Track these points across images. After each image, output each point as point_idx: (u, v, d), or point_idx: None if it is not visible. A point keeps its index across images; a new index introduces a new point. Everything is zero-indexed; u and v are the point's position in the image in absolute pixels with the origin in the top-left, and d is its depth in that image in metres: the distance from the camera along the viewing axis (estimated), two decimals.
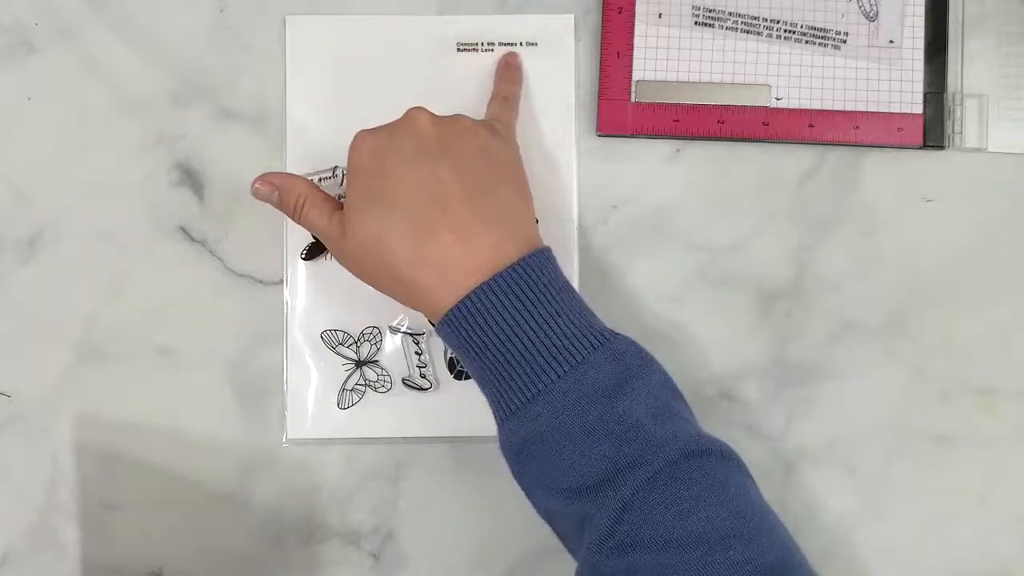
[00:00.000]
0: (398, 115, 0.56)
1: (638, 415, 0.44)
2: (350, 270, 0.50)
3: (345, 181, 0.55)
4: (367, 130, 0.50)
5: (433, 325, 0.48)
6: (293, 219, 0.52)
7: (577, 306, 0.47)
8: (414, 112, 0.50)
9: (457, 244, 0.46)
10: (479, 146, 0.49)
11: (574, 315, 0.46)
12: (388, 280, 0.48)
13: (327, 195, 0.52)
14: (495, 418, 0.47)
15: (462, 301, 0.46)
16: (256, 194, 0.52)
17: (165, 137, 0.57)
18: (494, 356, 0.45)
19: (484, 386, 0.47)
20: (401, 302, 0.49)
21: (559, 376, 0.44)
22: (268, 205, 0.56)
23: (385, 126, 0.50)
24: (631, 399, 0.44)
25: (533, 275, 0.46)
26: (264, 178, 0.52)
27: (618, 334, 0.47)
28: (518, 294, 0.45)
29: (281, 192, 0.51)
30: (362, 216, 0.48)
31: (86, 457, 0.56)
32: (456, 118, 0.50)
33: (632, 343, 0.47)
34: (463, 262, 0.46)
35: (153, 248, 0.56)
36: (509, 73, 0.56)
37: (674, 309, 0.56)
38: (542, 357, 0.45)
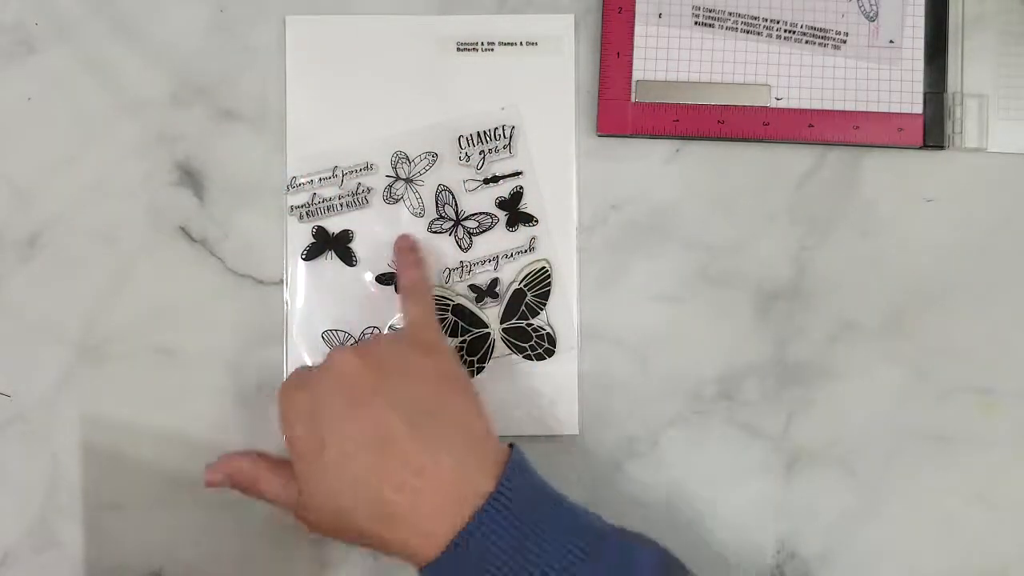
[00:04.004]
0: (397, 114, 0.56)
1: None
2: (321, 534, 0.48)
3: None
4: (290, 384, 0.48)
5: (419, 572, 0.45)
6: (255, 498, 0.50)
7: (564, 516, 0.45)
8: (336, 357, 0.47)
9: (420, 487, 0.44)
10: (407, 369, 0.47)
11: (559, 533, 0.44)
12: (361, 540, 0.46)
13: (275, 464, 0.49)
14: None
15: (445, 553, 0.43)
16: (208, 486, 0.49)
17: (165, 137, 0.57)
18: None
19: None
20: (378, 550, 0.46)
21: None
22: (268, 205, 0.57)
23: (308, 378, 0.47)
24: None
25: (512, 500, 0.44)
26: (212, 469, 0.49)
27: (614, 541, 0.45)
28: (506, 527, 0.43)
29: (231, 477, 0.49)
30: (311, 486, 0.46)
31: (86, 457, 0.56)
32: (375, 343, 0.48)
33: (633, 550, 0.44)
34: (433, 505, 0.44)
35: (153, 248, 0.56)
36: (405, 258, 0.54)
37: (674, 309, 0.56)
38: None
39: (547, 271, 0.56)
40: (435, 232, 0.56)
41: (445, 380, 0.48)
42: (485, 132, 0.56)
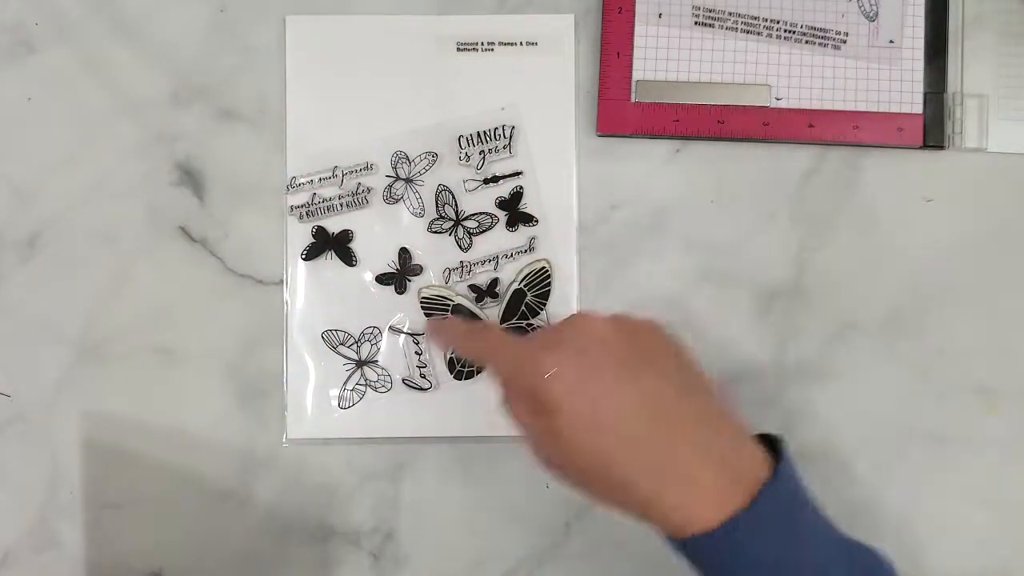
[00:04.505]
0: (397, 115, 0.56)
1: None
2: (560, 478, 0.47)
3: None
4: (552, 354, 0.45)
5: (672, 540, 0.44)
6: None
7: (822, 521, 0.45)
8: (588, 323, 0.46)
9: (696, 452, 0.43)
10: (660, 344, 0.47)
11: (825, 536, 0.45)
12: (616, 497, 0.45)
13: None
14: None
15: (722, 528, 0.42)
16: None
17: (165, 137, 0.57)
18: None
19: None
20: (634, 515, 0.45)
21: None
22: (268, 205, 0.57)
23: (567, 344, 0.45)
24: None
25: (787, 495, 0.44)
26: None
27: (860, 549, 0.45)
28: (777, 522, 0.43)
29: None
30: (575, 452, 0.44)
31: (86, 457, 0.56)
32: (625, 319, 0.47)
33: (875, 560, 0.46)
34: (712, 472, 0.43)
35: (153, 248, 0.56)
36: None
37: (674, 309, 0.56)
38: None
39: (547, 271, 0.56)
40: (435, 232, 0.56)
41: (698, 371, 0.48)
42: (485, 132, 0.56)
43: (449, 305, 0.56)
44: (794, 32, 0.57)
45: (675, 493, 0.43)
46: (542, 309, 0.56)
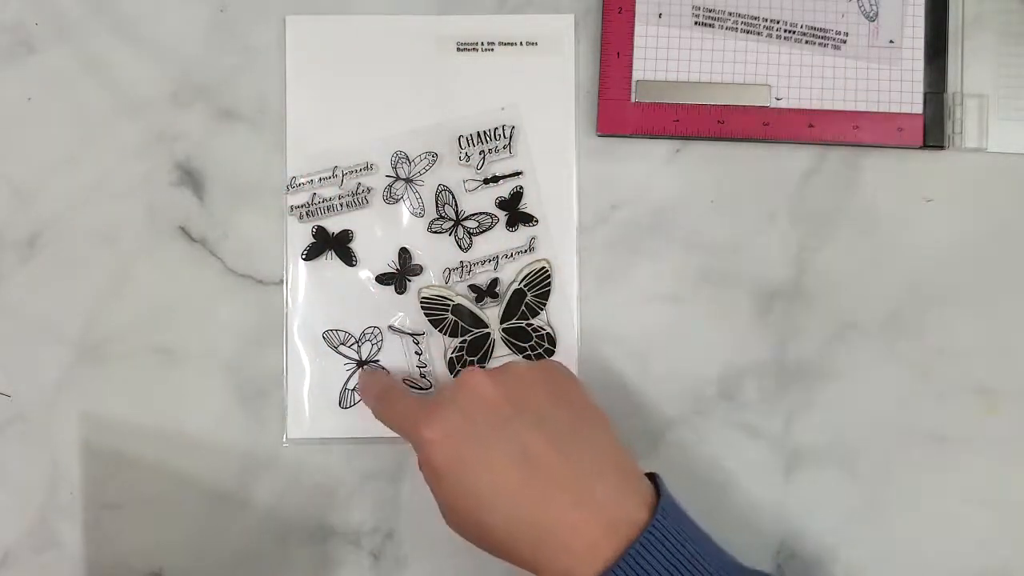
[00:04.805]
0: (397, 115, 0.56)
1: None
2: (459, 534, 0.47)
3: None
4: (430, 424, 0.46)
5: None
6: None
7: (711, 556, 0.45)
8: (472, 380, 0.46)
9: (575, 509, 0.43)
10: (547, 393, 0.47)
11: (722, 565, 0.44)
12: (503, 555, 0.46)
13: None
14: None
15: None
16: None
17: (165, 137, 0.57)
18: None
19: None
20: (530, 571, 0.45)
21: None
22: (268, 205, 0.57)
23: (448, 408, 0.46)
24: None
25: (669, 533, 0.43)
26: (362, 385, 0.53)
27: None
28: (660, 562, 0.43)
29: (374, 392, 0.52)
30: (453, 500, 0.45)
31: (86, 457, 0.56)
32: (511, 369, 0.48)
33: None
34: (589, 531, 0.43)
35: (153, 248, 0.56)
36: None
37: (674, 309, 0.56)
38: None
39: (547, 271, 0.56)
40: (435, 232, 0.56)
41: (584, 408, 0.48)
42: (485, 132, 0.56)
43: (449, 305, 0.56)
44: (794, 32, 0.57)
45: (551, 550, 0.43)
46: (542, 309, 0.56)
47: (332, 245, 0.56)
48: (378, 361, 0.56)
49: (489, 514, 0.44)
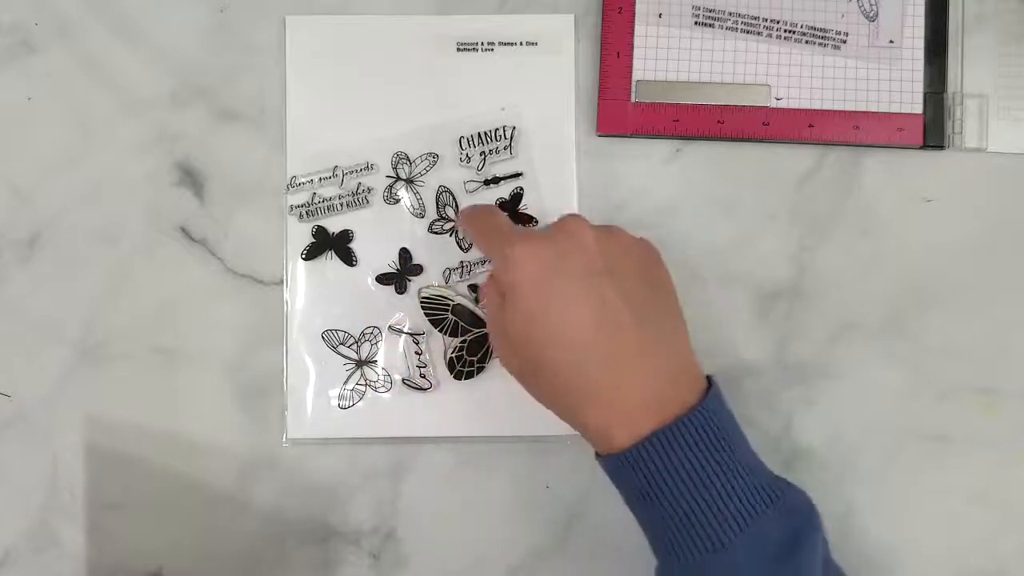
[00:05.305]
0: (397, 115, 0.56)
1: (813, 573, 0.44)
2: (508, 369, 0.48)
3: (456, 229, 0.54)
4: (526, 244, 0.46)
5: (597, 455, 0.46)
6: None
7: (750, 455, 0.46)
8: (575, 226, 0.47)
9: (631, 377, 0.45)
10: (640, 268, 0.48)
11: (748, 465, 0.45)
12: (549, 398, 0.47)
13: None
14: (655, 552, 0.46)
15: (642, 443, 0.44)
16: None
17: (165, 137, 0.57)
18: (669, 506, 0.44)
19: (650, 527, 0.46)
20: (560, 417, 0.47)
21: (736, 533, 0.43)
22: (268, 205, 0.57)
23: (546, 240, 0.47)
24: (806, 556, 0.43)
25: (714, 422, 0.45)
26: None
27: (787, 483, 0.46)
28: (701, 444, 0.44)
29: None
30: (524, 345, 0.46)
31: (86, 457, 0.56)
32: (614, 233, 0.48)
33: (801, 494, 0.46)
34: (640, 398, 0.44)
35: (153, 248, 0.56)
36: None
37: None
38: (721, 513, 0.43)
39: None
40: (436, 232, 0.56)
41: (669, 296, 0.49)
42: (485, 133, 0.56)
43: (449, 305, 0.56)
44: (794, 32, 0.57)
45: (598, 405, 0.45)
46: None
47: (332, 245, 0.56)
48: (377, 361, 0.56)
49: (553, 349, 0.45)
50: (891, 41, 0.57)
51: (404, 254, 0.56)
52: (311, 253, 0.56)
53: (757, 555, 0.43)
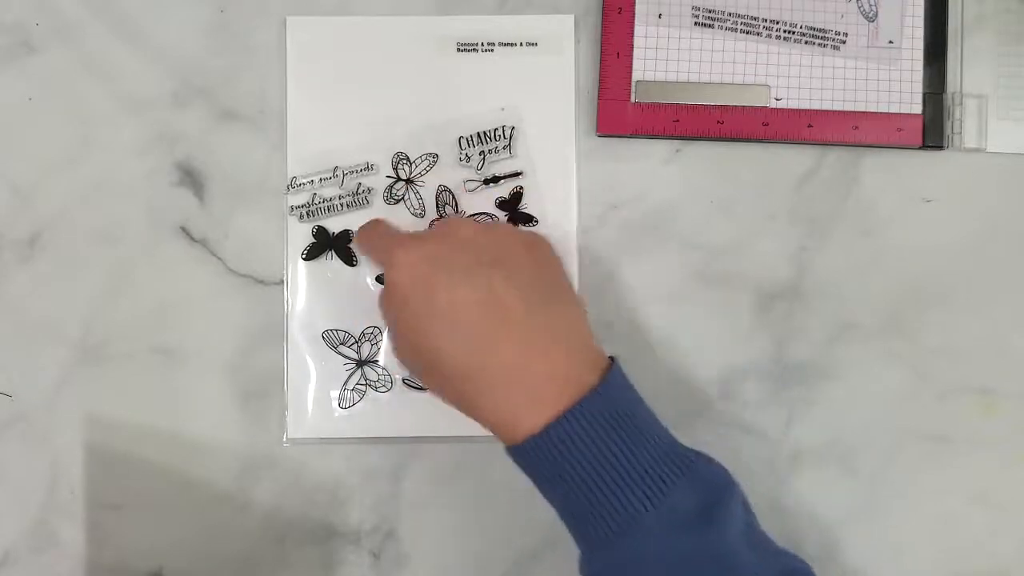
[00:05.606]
0: (397, 115, 0.56)
1: (731, 542, 0.43)
2: (408, 369, 0.49)
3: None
4: (410, 244, 0.47)
5: (506, 447, 0.46)
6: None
7: (656, 428, 0.46)
8: (457, 224, 0.48)
9: (527, 363, 0.44)
10: (529, 258, 0.48)
11: (656, 439, 0.45)
12: (450, 394, 0.47)
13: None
14: (575, 538, 0.46)
15: (546, 430, 0.43)
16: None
17: (165, 137, 0.57)
18: (578, 486, 0.44)
19: (563, 512, 0.46)
20: (467, 414, 0.47)
21: (647, 508, 0.43)
22: (268, 205, 0.57)
23: (429, 239, 0.48)
24: (722, 526, 0.43)
25: (616, 399, 0.45)
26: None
27: (698, 454, 0.46)
28: (603, 423, 0.44)
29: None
30: (418, 341, 0.46)
31: (86, 457, 0.56)
32: (499, 227, 0.48)
33: (715, 466, 0.45)
34: (537, 383, 0.44)
35: (153, 248, 0.56)
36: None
37: (674, 309, 0.56)
38: (629, 488, 0.43)
39: None
40: None
41: (560, 283, 0.49)
42: (485, 133, 0.56)
43: None
44: (793, 32, 0.57)
45: (498, 396, 0.44)
46: None
47: (332, 245, 0.56)
48: (378, 361, 0.56)
49: (445, 340, 0.45)
50: (890, 41, 0.57)
51: None
52: (312, 253, 0.56)
53: (668, 525, 0.43)
